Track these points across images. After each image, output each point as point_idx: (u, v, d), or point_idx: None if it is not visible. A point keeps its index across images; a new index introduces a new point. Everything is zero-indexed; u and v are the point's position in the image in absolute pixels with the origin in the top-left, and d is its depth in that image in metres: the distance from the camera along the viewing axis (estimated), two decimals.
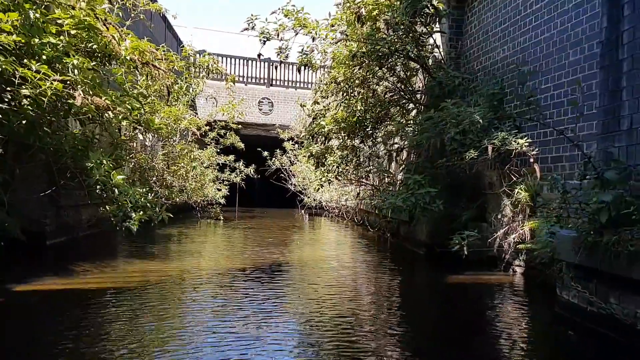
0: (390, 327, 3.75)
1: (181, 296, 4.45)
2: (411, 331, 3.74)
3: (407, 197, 5.84)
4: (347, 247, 8.74)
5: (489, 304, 4.81)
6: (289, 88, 20.16)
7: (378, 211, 10.01)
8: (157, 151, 9.59)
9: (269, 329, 3.46)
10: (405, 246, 8.23)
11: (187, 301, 4.26)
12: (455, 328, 3.90)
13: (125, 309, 3.86)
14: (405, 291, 5.48)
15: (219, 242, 8.57)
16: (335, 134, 6.80)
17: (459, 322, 4.07)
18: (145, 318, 3.59)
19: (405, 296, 5.18)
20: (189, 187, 11.83)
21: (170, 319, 3.64)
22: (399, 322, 3.99)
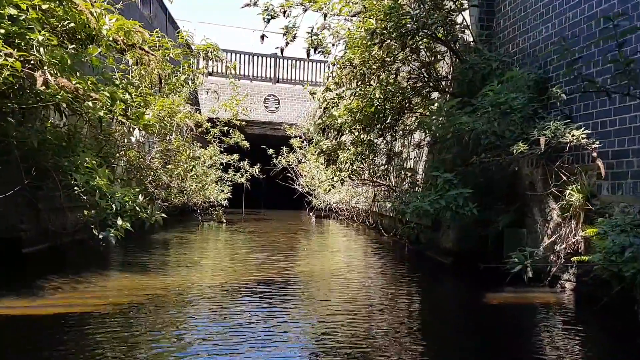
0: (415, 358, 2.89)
1: (168, 324, 3.59)
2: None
3: (436, 199, 4.95)
4: (361, 255, 7.85)
5: (537, 330, 3.91)
6: (296, 85, 19.32)
7: (394, 214, 9.12)
8: (152, 148, 8.79)
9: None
10: (427, 254, 7.33)
11: (175, 330, 3.40)
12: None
13: (83, 343, 3.02)
14: (431, 311, 4.59)
15: (220, 250, 7.73)
16: (350, 127, 5.93)
17: (501, 355, 3.19)
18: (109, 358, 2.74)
19: (431, 317, 4.30)
20: (189, 188, 11.01)
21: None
22: (426, 350, 3.12)
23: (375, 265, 6.82)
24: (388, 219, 10.02)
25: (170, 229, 10.35)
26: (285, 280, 5.33)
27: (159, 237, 8.74)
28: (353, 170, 6.62)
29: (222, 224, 12.00)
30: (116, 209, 5.70)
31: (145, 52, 5.77)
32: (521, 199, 5.60)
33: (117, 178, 8.57)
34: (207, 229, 11.03)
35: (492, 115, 4.65)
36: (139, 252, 6.92)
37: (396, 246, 8.75)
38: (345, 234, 11.38)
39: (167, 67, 8.60)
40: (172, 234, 9.33)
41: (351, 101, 5.78)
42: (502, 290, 5.08)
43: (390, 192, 8.74)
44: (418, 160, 7.85)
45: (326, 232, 11.84)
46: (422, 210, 5.04)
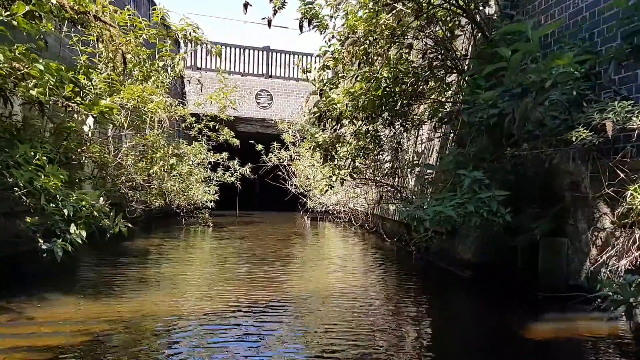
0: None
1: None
2: None
3: (461, 203, 3.96)
4: (362, 266, 6.84)
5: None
6: (289, 80, 18.29)
7: (398, 218, 8.13)
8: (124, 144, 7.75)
9: None
10: (439, 265, 6.33)
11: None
12: None
13: None
14: (452, 342, 3.59)
15: (201, 261, 6.69)
16: (351, 115, 4.93)
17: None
18: None
19: (453, 352, 3.30)
20: (170, 189, 9.97)
21: None
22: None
23: (380, 278, 5.82)
24: (391, 222, 9.03)
25: (149, 234, 9.31)
26: (275, 301, 4.32)
27: (133, 244, 7.70)
28: (354, 167, 5.63)
29: (209, 228, 10.96)
30: (68, 214, 4.69)
31: (103, 22, 4.73)
32: (560, 202, 4.62)
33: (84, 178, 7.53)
34: (191, 234, 9.98)
35: (537, 98, 3.67)
36: (104, 265, 5.89)
37: (401, 254, 7.75)
38: (344, 239, 10.37)
39: (142, 51, 7.59)
40: (150, 241, 8.29)
41: (353, 84, 4.79)
42: (538, 314, 4.10)
43: (395, 193, 7.75)
44: (428, 157, 6.86)
45: (322, 236, 10.83)
46: (443, 216, 4.04)
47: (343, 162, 5.61)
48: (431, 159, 6.84)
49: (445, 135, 6.22)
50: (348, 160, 5.61)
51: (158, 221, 11.58)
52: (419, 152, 7.53)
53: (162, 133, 7.91)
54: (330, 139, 5.48)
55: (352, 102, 4.72)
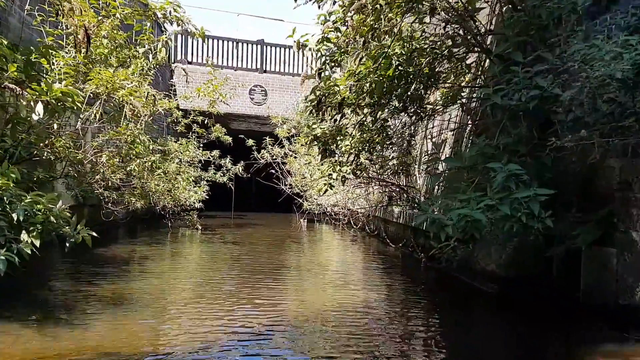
0: None
1: None
2: None
3: (493, 204, 3.19)
4: (364, 277, 6.06)
5: None
6: (285, 75, 17.50)
7: (404, 221, 7.36)
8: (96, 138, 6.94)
9: None
10: (455, 276, 5.56)
11: None
12: None
13: None
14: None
15: (184, 274, 5.87)
16: (355, 101, 4.14)
17: None
18: None
19: None
20: (154, 189, 9.15)
21: None
22: None
23: (386, 293, 5.03)
24: (395, 226, 8.26)
25: (131, 239, 8.50)
26: (270, 325, 3.54)
27: (110, 251, 6.89)
28: (358, 164, 4.85)
29: (197, 231, 10.15)
30: (18, 219, 3.91)
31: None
32: (607, 204, 3.85)
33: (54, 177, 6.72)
34: (178, 238, 9.17)
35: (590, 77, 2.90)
36: (68, 279, 5.08)
37: (408, 262, 6.97)
38: (343, 244, 9.58)
39: (118, 35, 6.79)
40: (130, 247, 7.48)
41: (357, 65, 4.00)
42: (585, 344, 3.34)
43: (400, 194, 6.98)
44: (440, 153, 6.09)
45: (320, 241, 10.04)
46: (470, 221, 3.27)
47: (345, 158, 4.83)
48: (443, 155, 6.07)
49: (462, 126, 5.45)
50: (351, 156, 4.84)
51: (144, 223, 10.77)
52: (429, 147, 6.76)
53: (141, 126, 7.11)
54: (330, 130, 4.70)
55: (356, 85, 3.94)
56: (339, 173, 4.55)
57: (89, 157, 6.51)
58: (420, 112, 4.45)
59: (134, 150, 6.55)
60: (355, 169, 4.65)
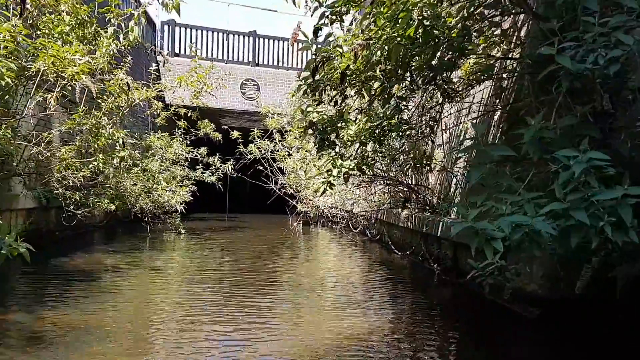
0: None
1: None
2: None
3: (566, 208, 2.24)
4: (370, 294, 5.09)
5: None
6: (278, 69, 16.54)
7: (412, 226, 6.40)
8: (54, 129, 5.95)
9: None
10: (479, 294, 4.61)
11: None
12: None
13: None
14: None
15: (156, 292, 4.88)
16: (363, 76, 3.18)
17: None
18: None
19: None
20: (130, 189, 8.17)
21: None
22: None
23: (396, 315, 4.06)
24: (401, 231, 7.30)
25: (104, 245, 7.49)
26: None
27: (75, 261, 5.90)
28: (365, 157, 3.88)
29: (180, 235, 9.16)
30: None
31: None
32: None
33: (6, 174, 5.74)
34: (157, 245, 8.17)
35: None
36: (5, 302, 4.07)
37: (418, 273, 6.02)
38: (342, 250, 8.61)
39: (81, 10, 5.82)
40: (97, 256, 6.47)
41: (367, 26, 3.04)
42: None
43: (410, 194, 6.03)
44: (458, 145, 5.14)
45: (316, 248, 9.06)
46: (529, 232, 2.32)
47: (348, 150, 3.88)
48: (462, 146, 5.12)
49: (489, 113, 4.50)
50: (355, 147, 3.88)
51: (123, 227, 9.75)
52: (443, 139, 5.81)
53: (105, 115, 6.13)
54: (329, 116, 3.75)
55: (366, 49, 2.99)
56: (341, 169, 3.59)
57: (44, 152, 5.51)
58: (448, 89, 3.49)
59: (96, 144, 5.55)
60: (360, 163, 3.69)
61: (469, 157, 4.97)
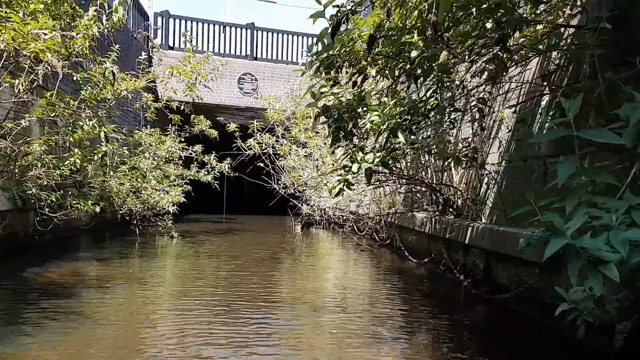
0: None
1: None
2: None
3: None
4: (386, 314, 4.34)
5: None
6: (277, 63, 15.79)
7: (432, 230, 5.68)
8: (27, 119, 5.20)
9: None
10: (523, 315, 3.88)
11: None
12: None
13: None
14: None
15: (140, 312, 4.14)
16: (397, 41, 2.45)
17: None
18: None
19: None
20: (116, 189, 7.44)
21: None
22: None
23: (419, 349, 3.32)
24: (416, 235, 6.58)
25: (83, 253, 6.73)
26: None
27: (46, 271, 5.16)
28: (392, 149, 3.13)
29: (173, 239, 8.42)
30: None
31: None
32: None
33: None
34: (145, 250, 7.42)
35: None
36: None
37: (440, 285, 5.29)
38: (349, 257, 7.88)
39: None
40: (75, 265, 5.72)
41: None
42: None
43: (431, 193, 5.30)
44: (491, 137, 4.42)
45: (320, 254, 8.33)
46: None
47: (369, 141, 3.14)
48: (495, 141, 4.39)
49: (534, 98, 3.77)
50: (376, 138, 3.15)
51: (112, 230, 8.99)
52: (468, 132, 5.08)
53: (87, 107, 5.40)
54: (347, 99, 3.02)
55: (402, 9, 2.26)
56: (361, 164, 2.86)
57: (12, 146, 4.76)
58: (504, 58, 2.74)
59: (72, 137, 4.81)
60: (386, 157, 2.95)
61: (506, 151, 4.25)
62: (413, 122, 2.97)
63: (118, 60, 7.00)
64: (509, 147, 4.15)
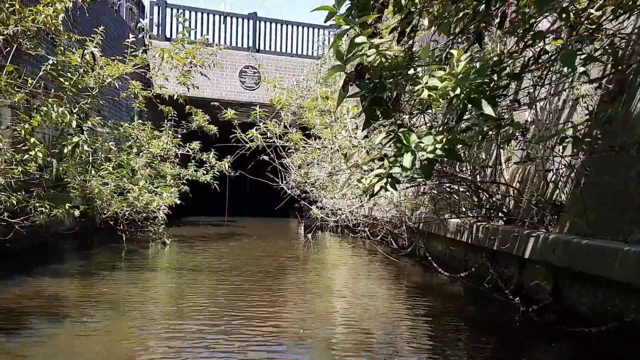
0: None
1: None
2: None
3: None
4: (434, 353, 3.35)
5: None
6: (281, 55, 14.79)
7: (471, 239, 4.68)
8: None
9: None
10: (609, 351, 2.88)
11: None
12: None
13: None
14: None
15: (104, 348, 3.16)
16: None
17: None
18: None
19: None
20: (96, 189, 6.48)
21: None
22: None
23: None
24: (447, 243, 5.58)
25: (58, 264, 5.74)
26: None
27: (6, 290, 4.20)
28: (460, 131, 2.13)
29: (165, 247, 7.46)
30: None
31: None
32: None
33: None
34: (128, 262, 6.44)
35: None
36: None
37: (488, 309, 4.29)
38: (366, 269, 6.88)
39: None
40: (40, 281, 4.74)
41: None
42: None
43: (472, 194, 4.30)
44: (560, 123, 3.42)
45: (333, 266, 7.34)
46: None
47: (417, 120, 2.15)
48: (568, 126, 3.39)
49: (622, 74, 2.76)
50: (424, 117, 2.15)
51: (102, 234, 7.98)
52: (527, 116, 4.07)
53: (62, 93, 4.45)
54: (392, 57, 2.05)
55: None
56: (417, 152, 1.88)
57: None
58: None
59: (28, 124, 3.83)
60: (454, 141, 1.96)
61: (586, 138, 3.23)
62: (494, 88, 1.98)
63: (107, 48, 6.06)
64: (591, 133, 3.16)
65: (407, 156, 1.99)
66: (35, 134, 6.88)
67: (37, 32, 5.14)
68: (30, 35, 5.18)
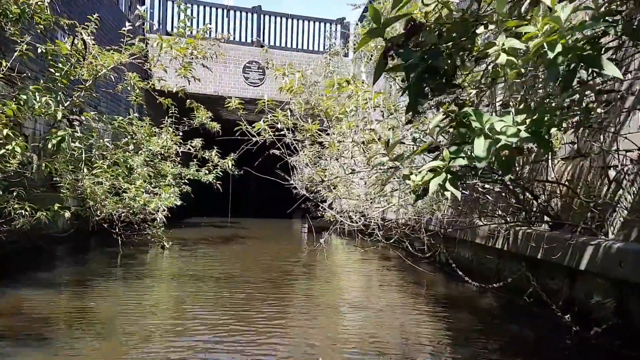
0: None
1: None
2: None
3: None
4: None
5: None
6: (287, 50, 14.24)
7: (506, 245, 4.13)
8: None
9: None
10: None
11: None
12: None
13: None
14: None
15: None
16: None
17: None
18: None
19: None
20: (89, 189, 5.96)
21: None
22: None
23: None
24: (476, 249, 5.03)
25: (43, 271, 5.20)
26: None
27: None
28: (554, 109, 1.65)
29: (163, 251, 6.93)
30: None
31: None
32: None
33: None
34: (123, 269, 5.90)
35: None
36: None
37: (530, 326, 3.73)
38: (380, 277, 6.35)
39: None
40: (22, 292, 4.21)
41: None
42: None
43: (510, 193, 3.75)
44: (614, 121, 2.87)
45: (346, 273, 6.80)
46: None
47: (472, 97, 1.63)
48: (633, 113, 2.84)
49: None
50: None
51: (97, 237, 7.43)
52: None
53: None
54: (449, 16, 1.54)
55: None
56: (495, 137, 1.38)
57: None
58: None
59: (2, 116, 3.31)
60: (545, 121, 1.44)
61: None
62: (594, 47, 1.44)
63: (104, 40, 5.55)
64: None
65: (478, 142, 1.44)
66: (26, 129, 6.42)
67: (22, 13, 4.64)
68: (12, 18, 4.69)
